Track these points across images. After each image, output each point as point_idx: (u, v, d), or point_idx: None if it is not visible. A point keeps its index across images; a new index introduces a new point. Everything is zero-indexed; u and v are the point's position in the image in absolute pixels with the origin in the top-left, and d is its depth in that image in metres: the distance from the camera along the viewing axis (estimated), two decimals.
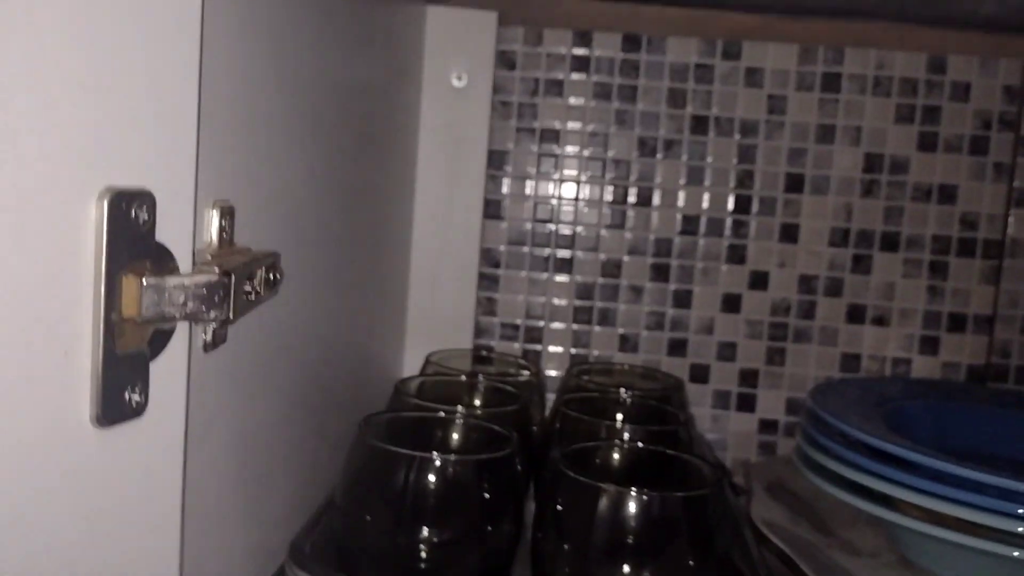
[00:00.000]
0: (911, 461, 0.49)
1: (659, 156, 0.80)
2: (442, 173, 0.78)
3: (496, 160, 0.81)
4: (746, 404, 0.81)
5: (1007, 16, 0.72)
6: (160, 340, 0.31)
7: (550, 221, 0.81)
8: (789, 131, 0.79)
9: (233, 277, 0.32)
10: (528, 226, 0.81)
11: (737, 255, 0.80)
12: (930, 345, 0.80)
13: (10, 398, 0.25)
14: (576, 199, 0.81)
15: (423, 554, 0.44)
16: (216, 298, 0.31)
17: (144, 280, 0.30)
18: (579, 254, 0.81)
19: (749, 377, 0.81)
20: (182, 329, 0.32)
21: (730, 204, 0.80)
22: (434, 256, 0.79)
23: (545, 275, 0.82)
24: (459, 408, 0.53)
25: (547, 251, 0.82)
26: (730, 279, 0.81)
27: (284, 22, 0.43)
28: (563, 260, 0.82)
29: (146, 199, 0.29)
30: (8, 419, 0.25)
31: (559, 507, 0.44)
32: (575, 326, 0.82)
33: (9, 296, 0.24)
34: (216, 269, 0.32)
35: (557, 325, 0.82)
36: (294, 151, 0.46)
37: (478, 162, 0.79)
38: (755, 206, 0.80)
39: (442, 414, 0.53)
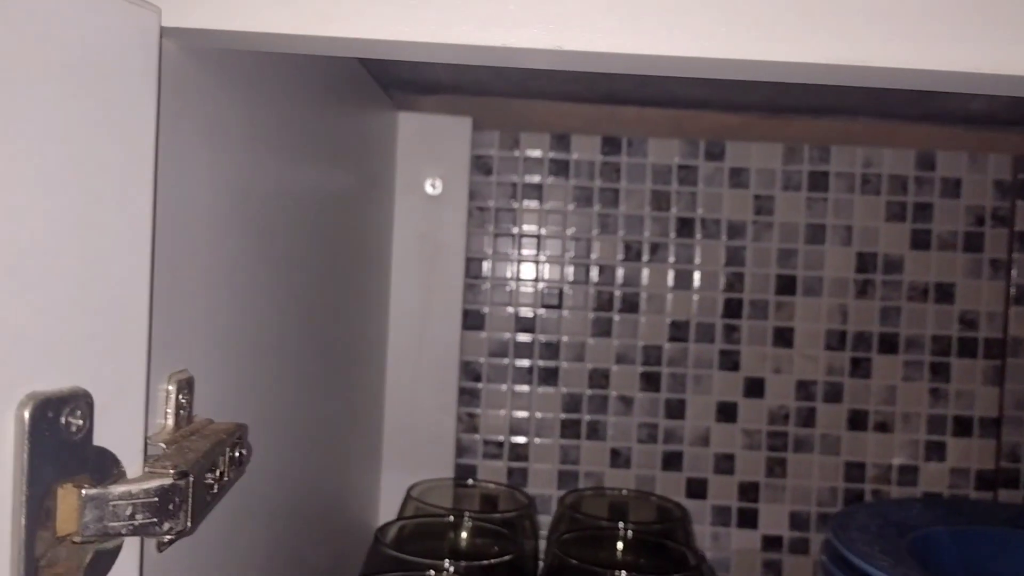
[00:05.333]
0: None
1: (644, 260, 0.76)
2: (417, 284, 0.74)
3: (474, 268, 0.77)
4: (748, 520, 0.76)
5: (997, 111, 0.70)
6: (104, 561, 0.26)
7: (532, 330, 0.77)
8: (777, 232, 0.76)
9: (191, 477, 0.27)
10: (509, 336, 0.77)
11: (730, 361, 0.76)
12: (936, 451, 0.76)
13: None
14: (559, 306, 0.77)
15: None
16: (171, 506, 0.26)
17: (83, 492, 0.25)
18: (564, 364, 0.77)
19: (749, 491, 0.76)
20: (131, 545, 0.27)
21: (720, 308, 0.76)
22: (410, 371, 0.74)
23: (528, 388, 0.77)
24: (447, 565, 0.48)
25: (530, 362, 0.77)
26: (724, 386, 0.76)
27: (246, 144, 0.39)
28: (547, 371, 0.77)
29: (80, 401, 0.24)
30: None
31: None
32: (562, 440, 0.77)
33: None
34: (171, 469, 0.27)
35: (543, 440, 0.77)
36: (259, 287, 0.42)
37: (456, 271, 0.74)
38: (746, 309, 0.76)
39: (431, 573, 0.47)
